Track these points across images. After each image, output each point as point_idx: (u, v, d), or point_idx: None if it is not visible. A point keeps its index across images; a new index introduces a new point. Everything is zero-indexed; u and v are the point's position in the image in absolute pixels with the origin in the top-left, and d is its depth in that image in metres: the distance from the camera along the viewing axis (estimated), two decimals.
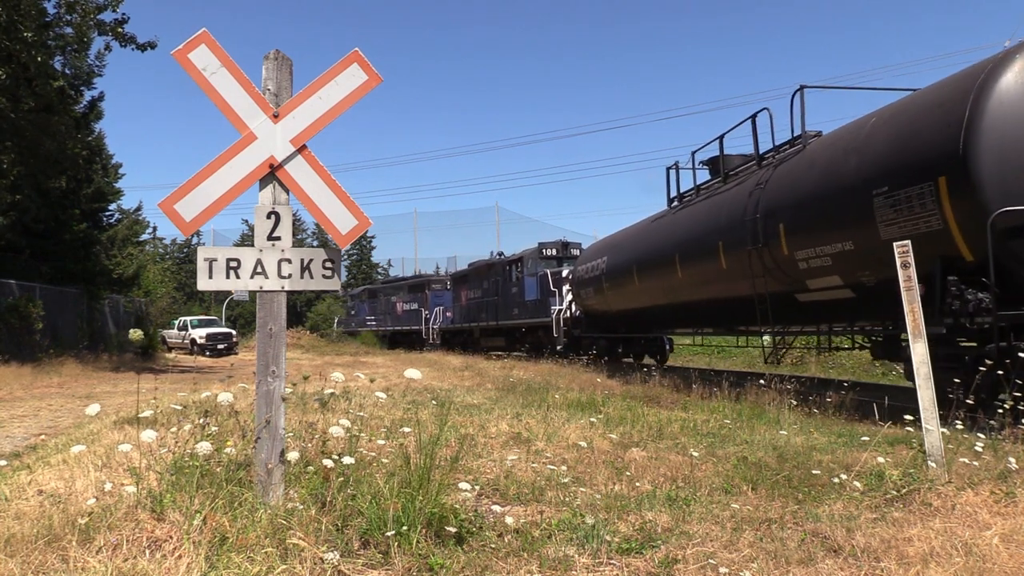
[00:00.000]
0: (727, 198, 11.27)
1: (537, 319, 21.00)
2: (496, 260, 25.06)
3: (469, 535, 3.05)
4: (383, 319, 37.28)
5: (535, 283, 21.46)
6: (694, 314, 13.51)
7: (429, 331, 30.90)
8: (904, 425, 4.71)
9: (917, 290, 4.44)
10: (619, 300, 16.07)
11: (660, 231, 14.15)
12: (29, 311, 17.53)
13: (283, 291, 3.36)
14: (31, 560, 2.60)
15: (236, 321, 52.48)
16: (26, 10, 14.18)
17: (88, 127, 21.81)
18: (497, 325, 23.89)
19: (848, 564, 2.87)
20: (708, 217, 11.81)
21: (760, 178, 10.20)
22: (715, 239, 11.07)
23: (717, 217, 11.30)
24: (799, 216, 8.98)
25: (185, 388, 9.56)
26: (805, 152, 9.49)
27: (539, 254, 22.10)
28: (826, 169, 8.60)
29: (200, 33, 3.32)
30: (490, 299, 24.57)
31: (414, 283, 34.73)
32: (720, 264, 10.94)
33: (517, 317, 22.41)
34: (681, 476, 4.41)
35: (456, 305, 28.63)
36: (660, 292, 13.78)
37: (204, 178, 3.31)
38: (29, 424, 7.73)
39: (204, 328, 31.06)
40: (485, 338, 25.57)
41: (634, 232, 16.13)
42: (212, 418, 3.68)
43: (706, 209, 12.13)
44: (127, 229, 30.85)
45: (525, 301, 21.84)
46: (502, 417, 6.92)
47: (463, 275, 28.28)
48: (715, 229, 11.19)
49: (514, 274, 23.03)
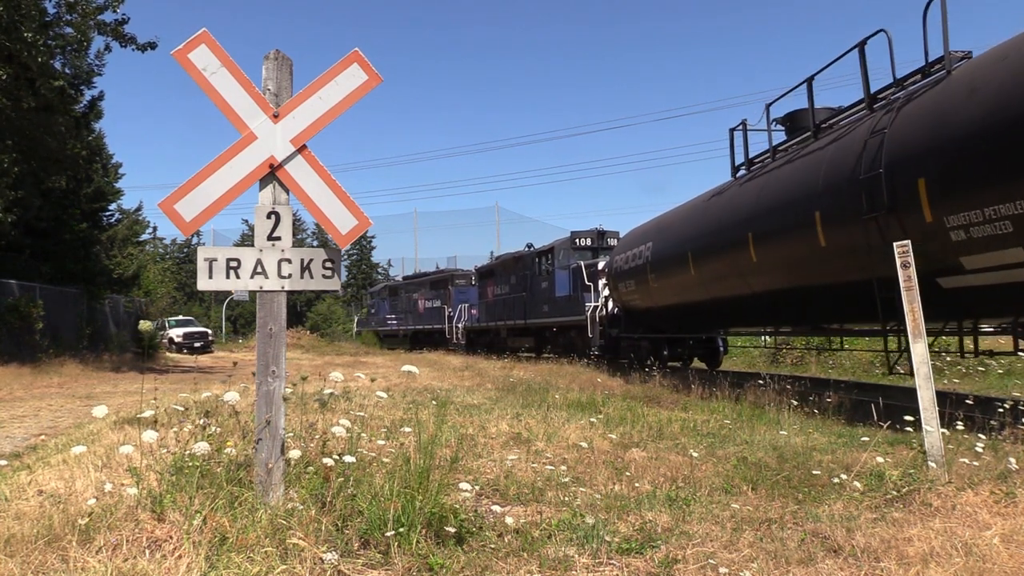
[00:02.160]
0: (824, 156, 8.72)
1: (569, 317, 18.64)
2: (524, 252, 22.51)
3: (469, 535, 3.05)
4: (404, 318, 34.94)
5: (567, 277, 19.15)
6: (771, 308, 10.67)
7: (453, 330, 28.56)
8: (904, 425, 4.72)
9: (916, 290, 4.43)
10: (667, 293, 13.49)
11: (723, 207, 11.34)
12: (29, 311, 17.52)
13: (283, 291, 3.36)
14: (31, 560, 2.60)
15: (236, 321, 52.57)
16: (27, 10, 14.18)
17: (88, 127, 21.80)
18: (525, 324, 21.62)
19: (848, 564, 2.87)
20: (795, 183, 9.23)
21: (876, 124, 7.86)
22: (808, 209, 8.61)
23: (810, 181, 8.80)
24: (953, 165, 6.53)
25: (186, 388, 9.56)
26: (953, 78, 7.06)
27: (572, 244, 19.69)
28: (1002, 92, 6.17)
29: (200, 33, 3.32)
30: (517, 295, 22.23)
31: (436, 279, 32.34)
32: (817, 241, 8.47)
33: (547, 315, 20.17)
34: (681, 476, 4.41)
35: (482, 302, 26.23)
36: (724, 281, 11.17)
37: (204, 178, 3.31)
38: (29, 424, 7.73)
39: (181, 328, 32.95)
40: (512, 338, 23.32)
41: (687, 211, 13.33)
42: (213, 418, 3.68)
43: (791, 174, 9.50)
44: (127, 229, 30.88)
45: (556, 297, 19.58)
46: (502, 417, 6.92)
47: (489, 269, 25.98)
48: (808, 196, 8.70)
49: (543, 267, 20.71)
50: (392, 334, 36.57)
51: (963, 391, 7.61)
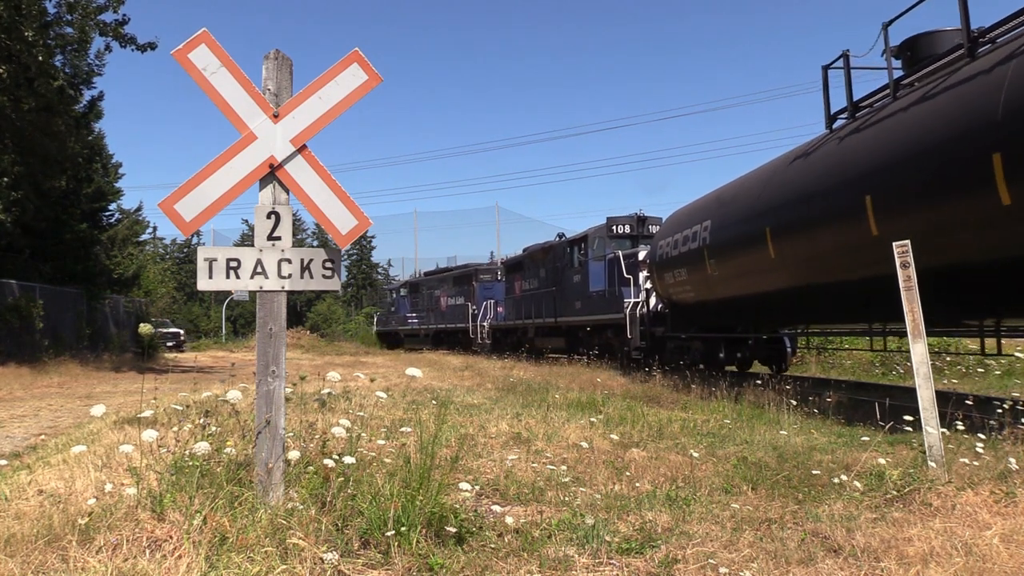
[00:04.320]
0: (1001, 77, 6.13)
1: (605, 315, 16.42)
2: (555, 242, 20.27)
3: (469, 535, 3.05)
4: (426, 316, 32.79)
5: (602, 269, 16.97)
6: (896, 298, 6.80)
7: (477, 329, 26.39)
8: (904, 425, 4.72)
9: (916, 290, 4.44)
10: (732, 282, 10.93)
11: (817, 168, 8.86)
12: (29, 311, 17.52)
13: (283, 291, 3.36)
14: (31, 560, 2.60)
15: (236, 321, 52.59)
16: (27, 10, 14.18)
17: (88, 127, 21.81)
18: (555, 323, 19.53)
19: (848, 564, 2.87)
20: (947, 121, 6.65)
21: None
22: (981, 152, 6.08)
23: (977, 115, 6.26)
24: None
25: (186, 388, 9.56)
26: None
27: (608, 232, 17.53)
28: None
29: (200, 33, 3.32)
30: (547, 290, 20.12)
31: (460, 274, 30.20)
32: (995, 197, 5.97)
33: (580, 312, 17.96)
34: (681, 476, 4.41)
35: (509, 298, 24.09)
36: (822, 263, 8.61)
37: (204, 178, 3.30)
38: (29, 424, 7.73)
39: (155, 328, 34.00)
40: (541, 338, 21.23)
41: (760, 178, 10.56)
42: (212, 418, 3.68)
43: (936, 111, 6.90)
44: (127, 229, 30.88)
45: (590, 292, 17.38)
46: (502, 417, 6.92)
47: (517, 262, 23.66)
48: (977, 135, 6.20)
49: (576, 258, 18.38)
50: (413, 333, 34.68)
51: (963, 391, 7.58)
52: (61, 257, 22.25)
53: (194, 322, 50.05)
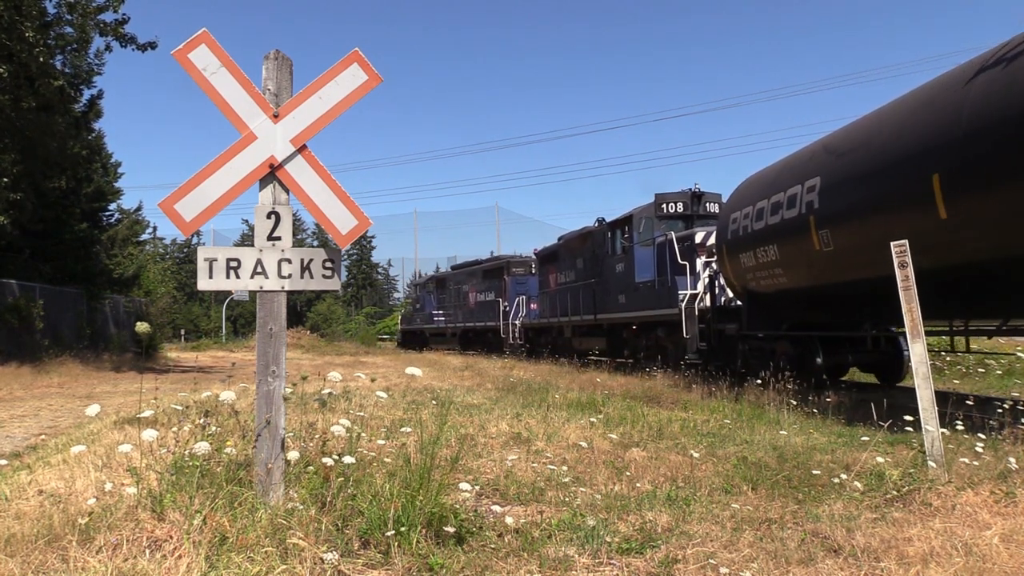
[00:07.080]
0: None
1: (655, 311, 13.70)
2: (594, 228, 17.37)
3: (469, 535, 3.05)
4: (453, 314, 29.95)
5: (650, 255, 14.19)
6: None
7: (509, 328, 23.58)
8: (904, 425, 4.72)
9: (914, 290, 4.43)
10: (856, 257, 7.94)
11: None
12: (29, 311, 17.53)
13: (283, 291, 3.36)
14: (31, 560, 2.60)
15: (236, 321, 52.60)
16: (27, 10, 14.18)
17: (88, 126, 21.80)
18: (595, 320, 16.75)
19: (848, 564, 2.87)
20: None
21: None
22: None
23: None
24: None
25: (186, 388, 9.56)
26: None
27: (657, 212, 14.74)
28: None
29: (200, 33, 3.31)
30: (585, 283, 17.31)
31: (490, 267, 27.28)
32: None
33: (624, 308, 15.18)
34: (681, 476, 4.41)
35: (543, 293, 21.28)
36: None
37: (204, 178, 3.30)
38: (29, 424, 7.73)
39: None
40: (578, 338, 18.48)
41: (908, 107, 7.51)
42: (212, 418, 3.68)
43: None
44: (127, 229, 30.91)
45: (636, 284, 14.66)
46: (502, 417, 6.92)
47: (552, 252, 20.74)
48: None
49: (619, 244, 15.59)
50: (439, 332, 31.77)
51: (963, 391, 7.48)
52: (61, 257, 22.25)
53: (194, 322, 50.08)
